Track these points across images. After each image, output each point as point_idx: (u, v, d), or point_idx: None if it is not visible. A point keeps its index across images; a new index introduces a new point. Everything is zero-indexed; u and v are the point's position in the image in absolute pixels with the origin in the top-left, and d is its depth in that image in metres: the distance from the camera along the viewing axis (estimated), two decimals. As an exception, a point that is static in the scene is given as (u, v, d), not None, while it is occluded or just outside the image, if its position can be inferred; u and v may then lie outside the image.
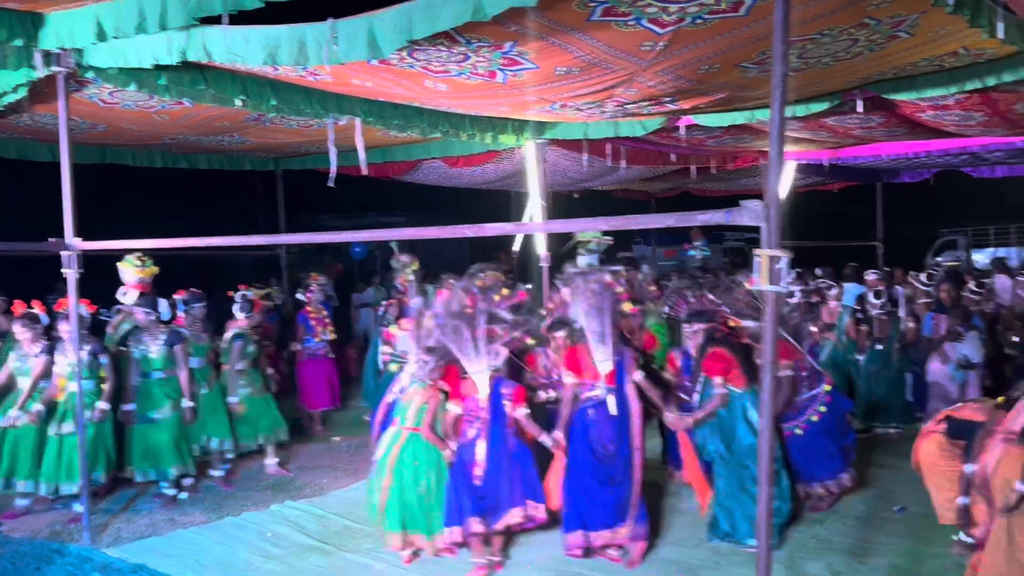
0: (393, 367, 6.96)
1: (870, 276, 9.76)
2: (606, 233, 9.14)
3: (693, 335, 6.39)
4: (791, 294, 7.44)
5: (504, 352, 5.75)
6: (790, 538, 6.10)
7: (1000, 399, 4.98)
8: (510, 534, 5.87)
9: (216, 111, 7.29)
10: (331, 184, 7.55)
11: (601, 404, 5.68)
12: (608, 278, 6.20)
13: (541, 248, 9.28)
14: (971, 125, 9.15)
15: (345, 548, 6.11)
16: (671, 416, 6.13)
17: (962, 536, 4.69)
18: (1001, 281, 11.17)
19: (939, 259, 21.73)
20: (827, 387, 6.53)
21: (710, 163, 12.27)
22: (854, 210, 18.86)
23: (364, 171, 7.83)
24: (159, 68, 5.51)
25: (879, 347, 8.77)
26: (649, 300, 8.46)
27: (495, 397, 5.60)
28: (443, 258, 19.92)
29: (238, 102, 6.34)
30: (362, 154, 7.42)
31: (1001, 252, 21.31)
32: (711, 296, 6.89)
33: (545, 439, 5.71)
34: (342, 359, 11.28)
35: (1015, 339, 8.51)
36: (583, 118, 7.91)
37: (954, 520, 4.74)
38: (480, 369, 5.61)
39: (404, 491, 5.73)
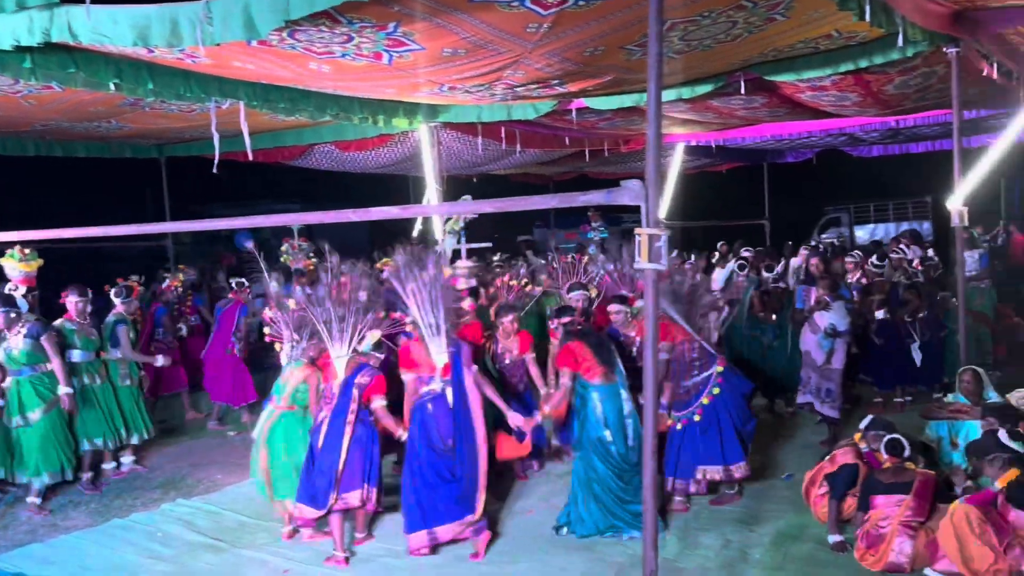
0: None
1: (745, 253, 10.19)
2: (487, 215, 9.09)
3: (552, 331, 6.47)
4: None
5: (371, 338, 5.70)
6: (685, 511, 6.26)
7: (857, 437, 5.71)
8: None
9: (88, 96, 6.92)
10: (216, 171, 7.31)
11: (439, 397, 5.64)
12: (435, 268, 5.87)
13: (439, 233, 9.22)
14: (847, 105, 9.55)
15: (240, 544, 5.96)
16: (515, 418, 5.96)
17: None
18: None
19: (823, 236, 22.75)
20: (719, 368, 6.36)
21: (603, 146, 12.43)
22: (742, 190, 19.45)
23: (250, 156, 7.61)
24: (23, 50, 5.19)
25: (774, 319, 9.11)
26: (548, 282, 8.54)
27: (347, 383, 5.59)
28: (344, 246, 19.66)
29: (111, 86, 6.03)
30: (247, 139, 7.21)
31: (880, 228, 22.44)
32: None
33: (401, 434, 5.72)
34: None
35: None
36: (474, 101, 7.89)
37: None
38: (340, 354, 5.65)
39: (275, 464, 5.83)
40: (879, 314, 8.87)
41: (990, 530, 4.67)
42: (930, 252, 10.41)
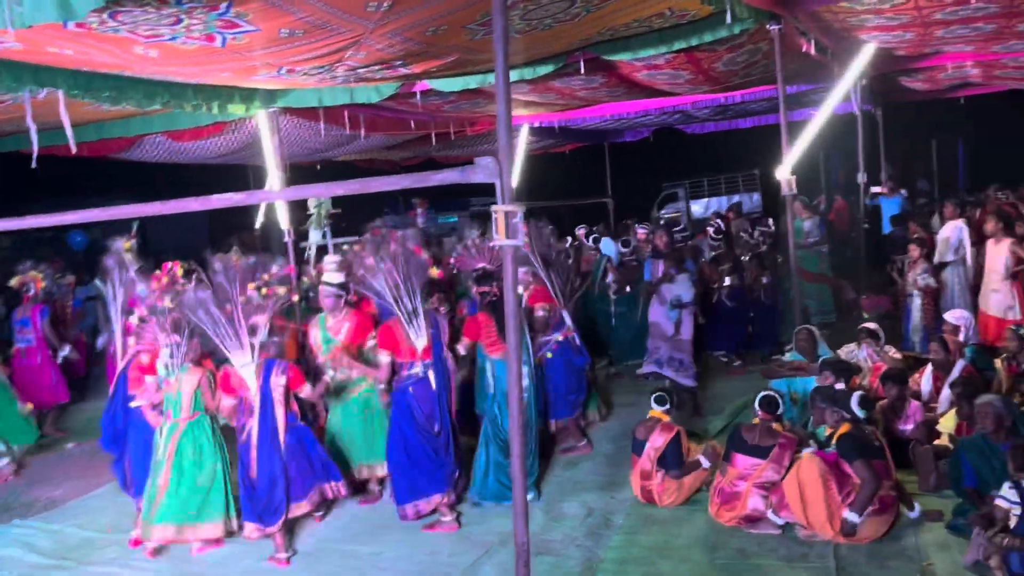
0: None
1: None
2: (336, 204, 8.92)
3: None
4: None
5: (261, 324, 5.44)
6: (548, 482, 6.39)
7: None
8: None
9: None
10: (34, 166, 6.75)
11: (422, 381, 5.74)
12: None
13: (284, 223, 8.92)
14: (680, 83, 9.93)
15: (87, 561, 5.62)
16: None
17: None
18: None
19: (663, 211, 23.69)
20: (559, 337, 6.89)
21: (450, 129, 12.39)
22: (586, 169, 19.93)
23: (73, 150, 7.07)
24: None
25: (628, 291, 9.54)
26: None
27: (264, 392, 5.35)
28: (181, 240, 18.70)
29: (-97, 75, 5.47)
30: (69, 131, 6.68)
31: (715, 202, 23.58)
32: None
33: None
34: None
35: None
36: (314, 83, 7.64)
37: None
38: (244, 362, 5.36)
39: (181, 484, 5.44)
40: (727, 280, 9.40)
41: (833, 484, 5.01)
42: (770, 222, 11.05)
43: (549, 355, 6.83)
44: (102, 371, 9.28)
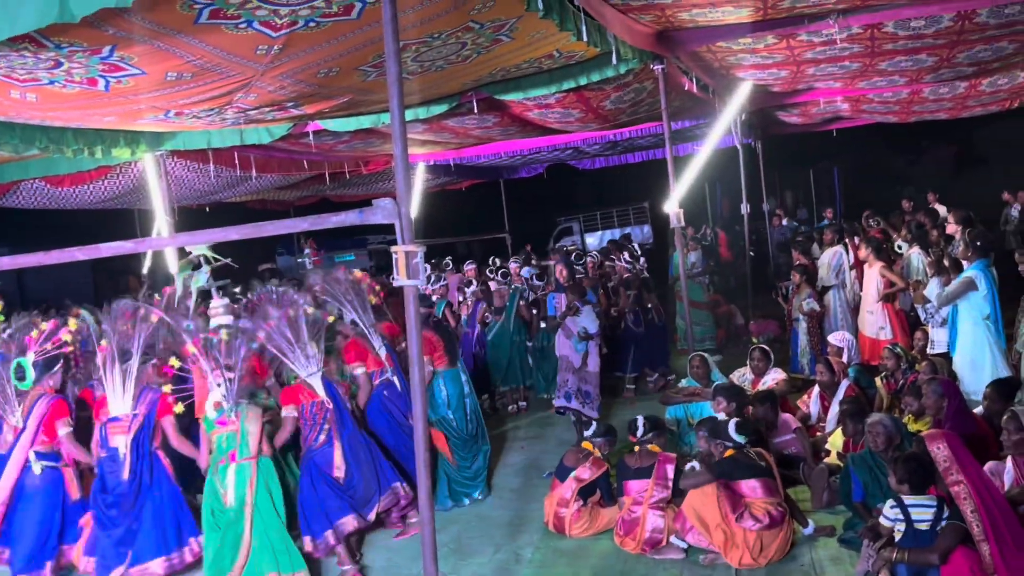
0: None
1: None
2: (227, 246, 8.71)
3: None
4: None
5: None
6: (455, 520, 6.35)
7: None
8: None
9: None
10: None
11: (391, 385, 6.40)
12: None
13: (174, 267, 8.66)
14: (571, 122, 10.19)
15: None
16: None
17: None
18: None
19: (560, 244, 24.10)
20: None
21: (344, 168, 12.34)
22: (482, 206, 20.13)
23: (-57, 197, 6.72)
24: None
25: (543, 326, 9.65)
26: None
27: (335, 396, 5.72)
28: (63, 287, 17.84)
29: None
30: (-63, 178, 6.36)
31: (608, 234, 24.15)
32: None
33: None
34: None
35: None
36: (203, 126, 7.50)
37: None
38: (312, 371, 5.64)
39: (268, 529, 5.16)
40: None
41: (726, 500, 5.19)
42: (635, 247, 11.41)
43: None
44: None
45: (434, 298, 9.25)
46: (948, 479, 4.32)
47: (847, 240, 10.29)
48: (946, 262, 7.69)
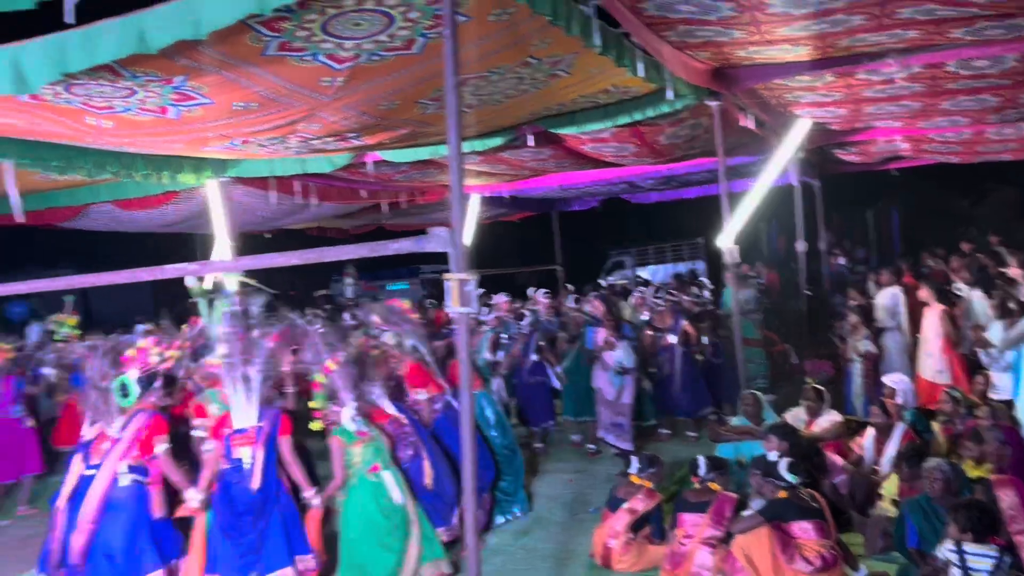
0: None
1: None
2: (277, 272, 8.88)
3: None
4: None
5: None
6: (499, 551, 6.34)
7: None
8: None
9: None
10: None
11: (451, 408, 6.51)
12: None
13: (233, 290, 8.86)
14: (625, 156, 10.24)
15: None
16: None
17: None
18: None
19: (611, 278, 24.06)
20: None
21: (400, 198, 12.53)
22: (535, 238, 20.22)
23: (20, 219, 7.02)
24: None
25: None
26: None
27: (403, 411, 6.12)
28: (127, 309, 18.38)
29: None
30: (17, 201, 6.65)
31: (661, 269, 24.03)
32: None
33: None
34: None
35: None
36: (267, 154, 7.72)
37: None
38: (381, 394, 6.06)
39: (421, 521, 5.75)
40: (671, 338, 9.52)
41: (777, 542, 5.09)
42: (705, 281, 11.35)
43: None
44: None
45: (485, 328, 9.30)
46: (1013, 527, 4.20)
47: (905, 281, 10.10)
48: (1011, 305, 7.51)
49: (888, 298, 9.63)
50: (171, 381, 6.03)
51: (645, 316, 10.31)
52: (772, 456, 5.92)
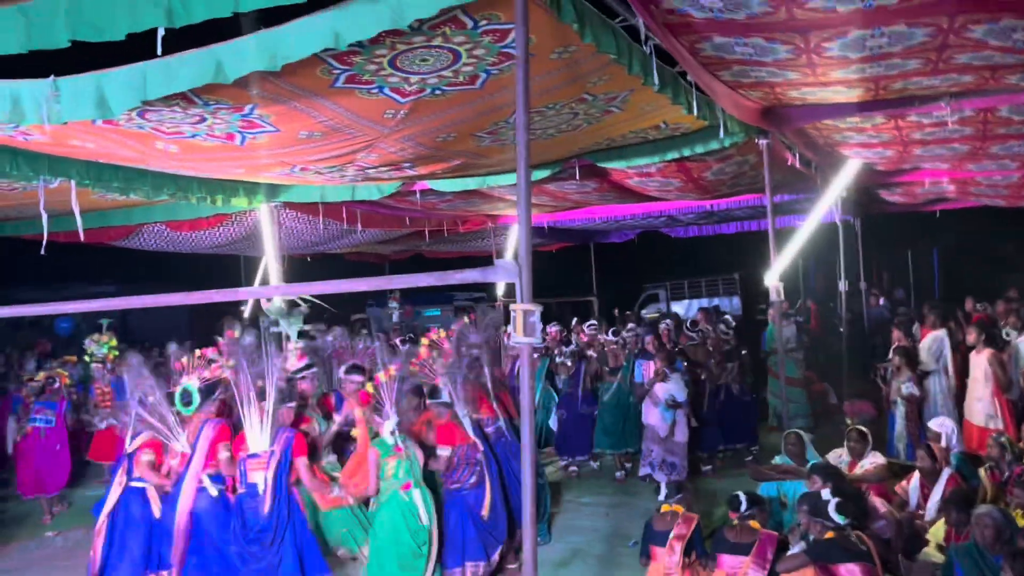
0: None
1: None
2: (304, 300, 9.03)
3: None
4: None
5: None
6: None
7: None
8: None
9: None
10: (43, 252, 6.89)
11: (504, 434, 6.68)
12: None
13: (277, 314, 9.00)
14: (669, 191, 10.30)
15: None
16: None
17: None
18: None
19: (644, 312, 24.00)
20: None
21: (442, 226, 12.68)
22: (571, 268, 20.29)
23: (81, 237, 7.23)
24: None
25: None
26: None
27: (481, 438, 6.22)
28: (160, 327, 18.62)
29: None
30: (79, 219, 6.83)
31: (695, 304, 23.94)
32: None
33: None
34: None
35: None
36: (322, 181, 7.89)
37: None
38: (466, 412, 6.16)
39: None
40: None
41: None
42: (729, 318, 11.30)
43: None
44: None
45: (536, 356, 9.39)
46: (1064, 578, 4.15)
47: (951, 324, 9.99)
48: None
49: (933, 341, 9.53)
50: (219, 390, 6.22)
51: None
52: (825, 495, 5.87)
